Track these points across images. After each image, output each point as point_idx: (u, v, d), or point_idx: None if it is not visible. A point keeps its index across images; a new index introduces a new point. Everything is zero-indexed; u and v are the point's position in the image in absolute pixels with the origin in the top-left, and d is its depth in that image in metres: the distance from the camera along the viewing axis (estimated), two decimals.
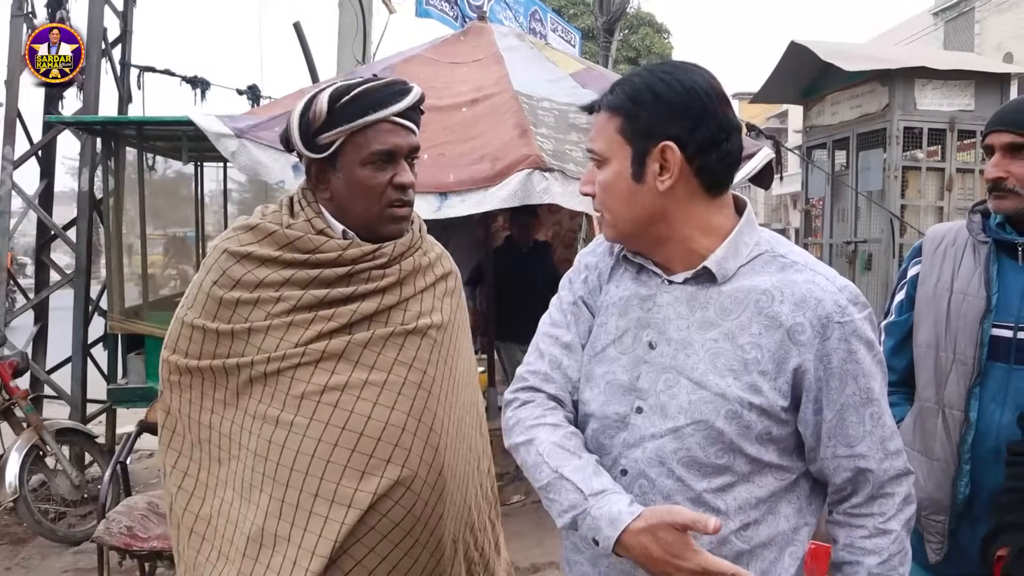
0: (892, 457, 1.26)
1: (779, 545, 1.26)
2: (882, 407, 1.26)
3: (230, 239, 1.62)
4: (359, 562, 1.52)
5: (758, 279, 1.25)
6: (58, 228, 5.46)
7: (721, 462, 1.22)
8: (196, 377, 1.62)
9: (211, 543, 1.59)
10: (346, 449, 1.50)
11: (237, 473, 1.57)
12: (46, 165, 5.56)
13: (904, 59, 6.46)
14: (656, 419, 1.25)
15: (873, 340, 1.26)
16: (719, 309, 1.25)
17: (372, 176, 1.53)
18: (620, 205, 1.27)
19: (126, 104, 5.64)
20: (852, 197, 6.71)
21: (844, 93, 6.83)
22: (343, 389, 1.52)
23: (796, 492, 1.29)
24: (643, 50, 23.90)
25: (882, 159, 6.31)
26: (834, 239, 7.08)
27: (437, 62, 4.52)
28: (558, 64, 4.70)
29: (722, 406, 1.21)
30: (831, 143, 7.14)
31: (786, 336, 1.21)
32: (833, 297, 1.22)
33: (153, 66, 5.79)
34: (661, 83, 1.24)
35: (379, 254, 1.57)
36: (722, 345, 1.23)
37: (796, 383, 1.23)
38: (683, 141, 1.23)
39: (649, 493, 1.25)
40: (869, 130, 6.49)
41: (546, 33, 10.78)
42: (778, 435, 1.24)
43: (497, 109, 3.97)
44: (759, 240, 1.29)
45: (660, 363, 1.27)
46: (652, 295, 1.31)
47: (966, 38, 19.47)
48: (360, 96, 1.51)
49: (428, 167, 3.78)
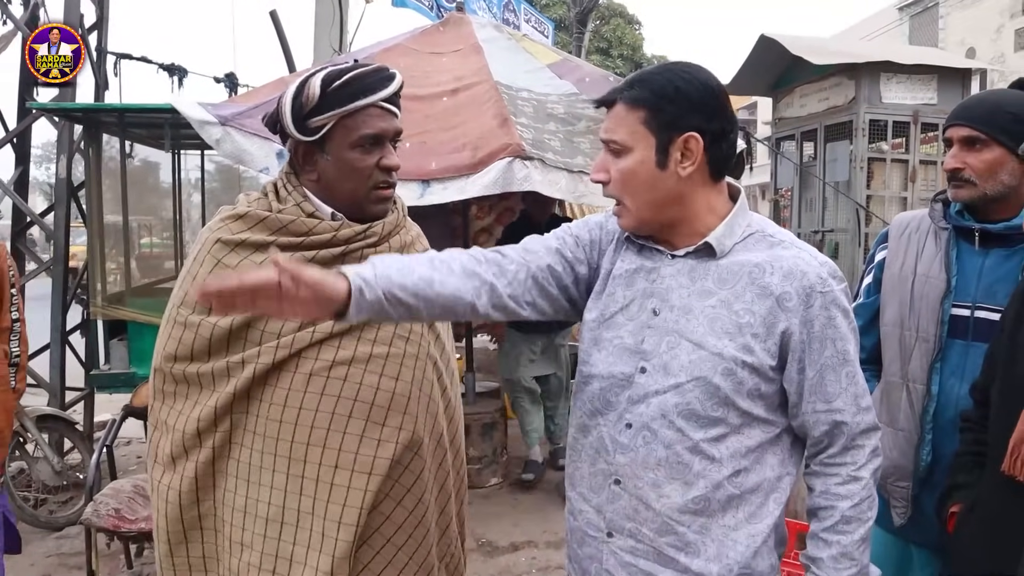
0: (864, 412, 1.41)
1: (764, 491, 1.41)
2: (856, 368, 1.41)
3: (220, 229, 1.63)
4: (377, 530, 1.58)
5: (751, 255, 1.40)
6: (35, 215, 5.44)
7: (716, 414, 1.37)
8: (194, 386, 1.61)
9: (222, 533, 1.62)
10: (360, 419, 1.57)
11: (241, 461, 1.59)
12: (20, 152, 5.52)
13: (870, 53, 6.63)
14: (659, 377, 1.39)
15: (848, 309, 1.41)
16: (717, 280, 1.40)
17: (361, 158, 1.59)
18: (642, 190, 1.40)
19: (103, 91, 5.61)
20: (820, 187, 6.87)
21: (812, 86, 6.99)
22: (350, 363, 1.58)
23: (780, 445, 1.43)
24: (614, 40, 24.03)
25: (849, 150, 6.48)
26: (802, 228, 7.24)
27: (417, 52, 4.58)
28: (535, 55, 4.79)
29: (719, 364, 1.36)
30: (799, 135, 7.29)
31: (775, 303, 1.36)
32: (816, 270, 1.37)
33: (130, 53, 5.77)
34: (682, 80, 1.38)
35: (370, 233, 1.63)
36: (719, 311, 1.38)
37: (783, 345, 1.38)
38: (703, 132, 1.37)
39: (652, 443, 1.39)
40: (836, 122, 6.65)
41: (519, 24, 10.82)
42: (766, 391, 1.39)
43: (477, 99, 4.04)
44: (751, 222, 1.45)
45: (663, 328, 1.41)
46: (656, 267, 1.45)
47: (930, 33, 19.86)
48: (351, 81, 1.56)
49: (411, 155, 3.84)
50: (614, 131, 1.40)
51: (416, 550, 1.63)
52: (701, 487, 1.37)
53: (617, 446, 1.43)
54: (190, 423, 1.59)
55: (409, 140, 3.93)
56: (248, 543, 1.57)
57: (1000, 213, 1.83)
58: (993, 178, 1.79)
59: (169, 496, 1.60)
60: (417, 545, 1.63)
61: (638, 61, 24.64)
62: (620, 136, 1.39)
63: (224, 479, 1.60)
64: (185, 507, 1.60)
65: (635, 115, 1.38)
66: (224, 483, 1.60)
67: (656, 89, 1.38)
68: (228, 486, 1.60)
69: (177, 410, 1.62)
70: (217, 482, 1.61)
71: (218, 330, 1.56)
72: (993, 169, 1.79)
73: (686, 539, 1.38)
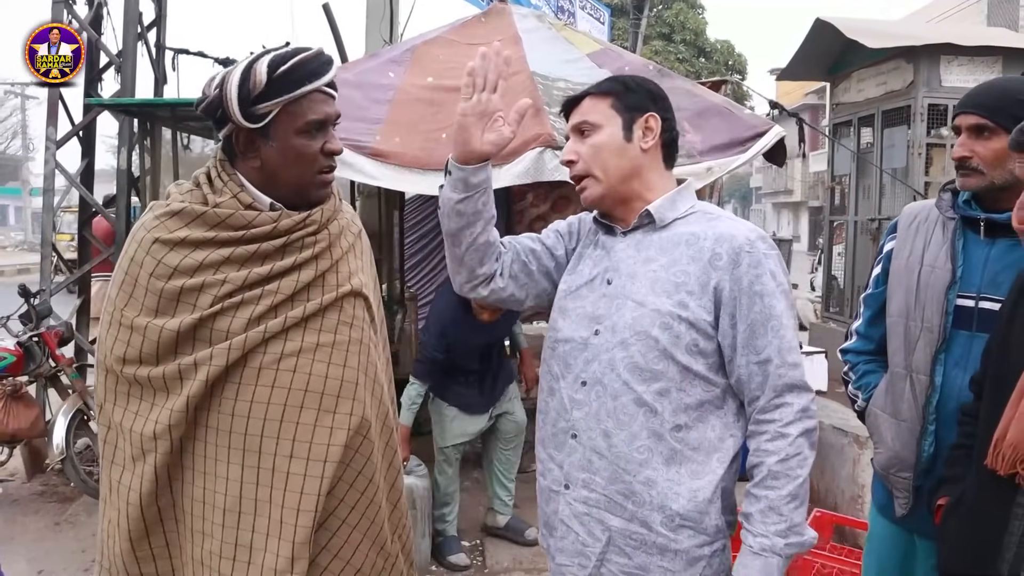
0: (789, 367, 1.51)
1: (706, 450, 1.53)
2: (783, 323, 1.51)
3: (157, 227, 1.58)
4: (332, 513, 1.63)
5: (690, 227, 1.60)
6: (99, 205, 5.70)
7: (658, 367, 1.52)
8: (147, 388, 1.59)
9: (183, 523, 1.63)
10: (312, 409, 1.59)
11: (197, 455, 1.60)
12: (86, 144, 5.79)
13: (929, 35, 6.41)
14: (609, 336, 1.58)
15: (776, 271, 1.55)
16: (658, 248, 1.60)
17: (306, 144, 1.57)
18: (611, 159, 1.62)
19: (161, 85, 5.84)
20: (876, 175, 6.71)
21: (870, 70, 6.81)
22: (298, 354, 1.59)
23: (724, 409, 1.57)
24: (677, 25, 23.63)
25: (906, 136, 6.30)
26: (859, 216, 7.09)
27: (457, 43, 4.62)
28: (576, 45, 4.79)
29: (657, 319, 1.53)
30: (856, 120, 7.12)
31: (707, 263, 1.54)
32: (745, 234, 1.56)
33: (187, 48, 5.98)
34: (640, 79, 1.70)
35: (309, 221, 1.62)
36: (659, 274, 1.57)
37: (717, 301, 1.54)
38: (660, 116, 1.64)
39: (603, 396, 1.57)
40: (894, 107, 6.48)
41: (575, 11, 10.78)
42: (704, 348, 1.54)
43: (513, 89, 4.06)
44: (696, 204, 1.66)
45: (613, 293, 1.61)
46: (613, 244, 1.67)
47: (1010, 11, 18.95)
48: (297, 67, 1.53)
49: (447, 145, 3.91)
50: (587, 114, 1.64)
51: (369, 527, 1.68)
52: (644, 437, 1.52)
53: (574, 403, 1.61)
54: (148, 425, 1.58)
55: (445, 131, 4.00)
56: (208, 532, 1.59)
57: (1008, 203, 1.78)
58: (1001, 167, 1.76)
59: (130, 497, 1.60)
60: (370, 523, 1.68)
61: (701, 46, 24.20)
62: (592, 117, 1.63)
63: (182, 472, 1.61)
64: (146, 506, 1.60)
65: (604, 101, 1.64)
66: (182, 476, 1.61)
67: (620, 81, 1.67)
68: (186, 479, 1.61)
69: (132, 411, 1.61)
70: (175, 475, 1.61)
71: (166, 333, 1.55)
72: (1000, 157, 1.75)
73: (632, 488, 1.53)
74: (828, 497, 4.16)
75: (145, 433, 1.57)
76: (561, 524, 1.62)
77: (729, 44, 24.84)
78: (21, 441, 4.67)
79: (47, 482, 4.88)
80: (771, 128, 4.17)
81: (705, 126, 4.17)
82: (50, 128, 5.40)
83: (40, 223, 5.75)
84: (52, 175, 5.48)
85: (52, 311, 5.03)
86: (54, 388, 4.91)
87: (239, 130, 1.57)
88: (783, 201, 38.07)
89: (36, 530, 4.29)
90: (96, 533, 1.73)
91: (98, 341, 1.67)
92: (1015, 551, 1.32)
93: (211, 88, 1.57)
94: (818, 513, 3.83)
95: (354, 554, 1.66)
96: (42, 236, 5.57)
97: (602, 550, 1.56)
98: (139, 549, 1.63)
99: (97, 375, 1.67)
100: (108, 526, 1.66)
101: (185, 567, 1.64)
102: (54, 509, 4.58)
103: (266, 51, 1.57)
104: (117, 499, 1.63)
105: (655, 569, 1.53)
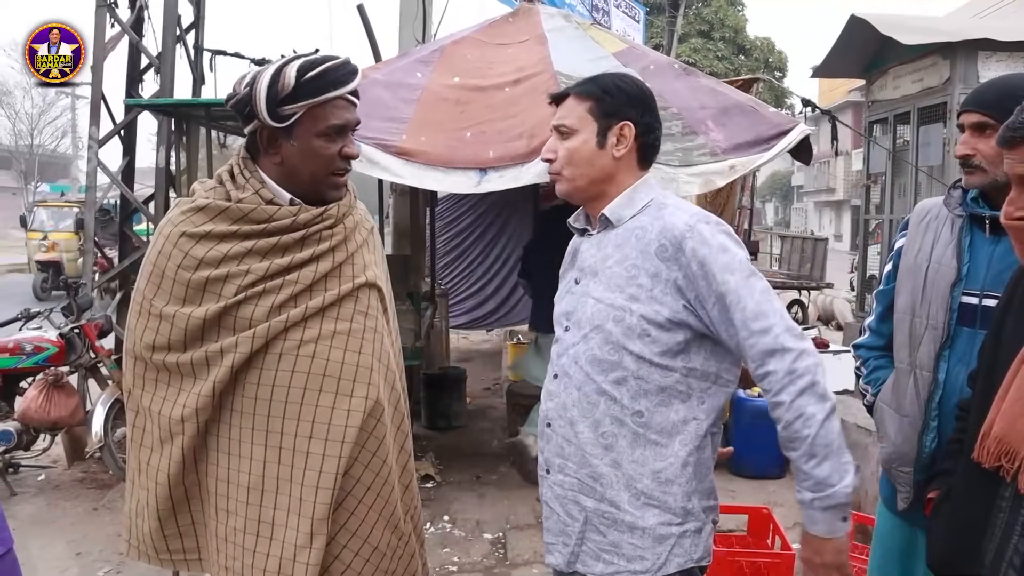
0: (758, 335, 1.52)
1: (669, 433, 1.61)
2: (740, 295, 1.53)
3: (183, 222, 1.67)
4: (349, 492, 1.72)
5: (640, 221, 1.66)
6: (138, 202, 5.88)
7: (613, 358, 1.60)
8: (174, 374, 1.69)
9: (207, 503, 1.73)
10: (330, 392, 1.68)
11: (222, 437, 1.69)
12: (127, 143, 5.97)
13: (966, 31, 6.30)
14: (575, 332, 1.67)
15: (725, 244, 1.57)
16: (614, 246, 1.66)
17: (325, 146, 1.67)
18: (582, 164, 1.67)
19: (199, 86, 5.99)
20: (912, 173, 6.62)
21: (906, 67, 6.72)
22: (317, 341, 1.68)
23: (686, 392, 1.61)
24: (716, 23, 23.44)
25: (942, 134, 6.21)
26: (894, 215, 7.00)
27: (485, 43, 4.70)
28: (602, 44, 4.82)
29: (611, 312, 1.61)
30: (892, 117, 7.03)
31: (655, 256, 1.60)
32: (684, 221, 1.60)
33: (224, 50, 6.12)
34: (622, 81, 1.70)
35: (327, 215, 1.71)
36: (614, 270, 1.64)
37: (680, 291, 1.57)
38: (636, 123, 1.67)
39: (569, 387, 1.66)
40: (930, 104, 6.39)
41: (609, 9, 10.77)
42: (656, 336, 1.58)
43: (537, 88, 4.12)
44: (654, 197, 1.69)
45: (580, 291, 1.70)
46: (580, 246, 1.77)
47: None
48: (324, 73, 1.62)
49: (471, 144, 3.98)
50: (565, 117, 1.69)
51: (384, 507, 1.76)
52: (607, 424, 1.61)
53: (548, 395, 1.72)
54: (176, 409, 1.67)
55: (470, 129, 4.07)
56: (232, 510, 1.68)
57: None
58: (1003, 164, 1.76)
59: (159, 478, 1.70)
60: (384, 503, 1.75)
61: (740, 43, 23.95)
62: (570, 121, 1.68)
63: (206, 453, 1.71)
64: (174, 485, 1.70)
65: (583, 105, 1.67)
66: (207, 457, 1.71)
67: (601, 85, 1.69)
68: (211, 459, 1.71)
69: (160, 397, 1.70)
70: (200, 456, 1.71)
71: (193, 321, 1.64)
72: (1002, 155, 1.75)
73: (599, 471, 1.62)
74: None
75: (173, 416, 1.67)
76: (546, 506, 1.73)
77: (770, 41, 24.56)
78: (62, 429, 4.84)
79: (87, 469, 5.05)
80: (796, 126, 4.16)
81: (729, 124, 4.18)
82: (92, 128, 5.58)
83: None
84: (94, 173, 5.66)
85: (93, 303, 5.20)
86: (94, 378, 5.08)
87: (264, 127, 1.66)
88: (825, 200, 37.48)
89: (75, 515, 4.44)
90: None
91: (127, 330, 1.77)
92: (997, 544, 1.33)
93: (241, 85, 1.66)
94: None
95: (371, 532, 1.75)
96: (84, 232, 5.76)
97: (580, 529, 1.65)
98: (167, 527, 1.74)
99: (126, 363, 1.77)
100: (136, 506, 1.76)
101: (209, 543, 1.74)
102: (93, 495, 4.74)
103: (296, 56, 1.67)
104: (146, 480, 1.73)
105: (626, 546, 1.61)
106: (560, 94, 1.74)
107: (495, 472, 5.08)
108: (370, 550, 1.75)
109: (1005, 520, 1.33)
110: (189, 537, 1.76)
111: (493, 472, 5.08)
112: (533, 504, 4.48)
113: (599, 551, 1.64)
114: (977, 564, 1.36)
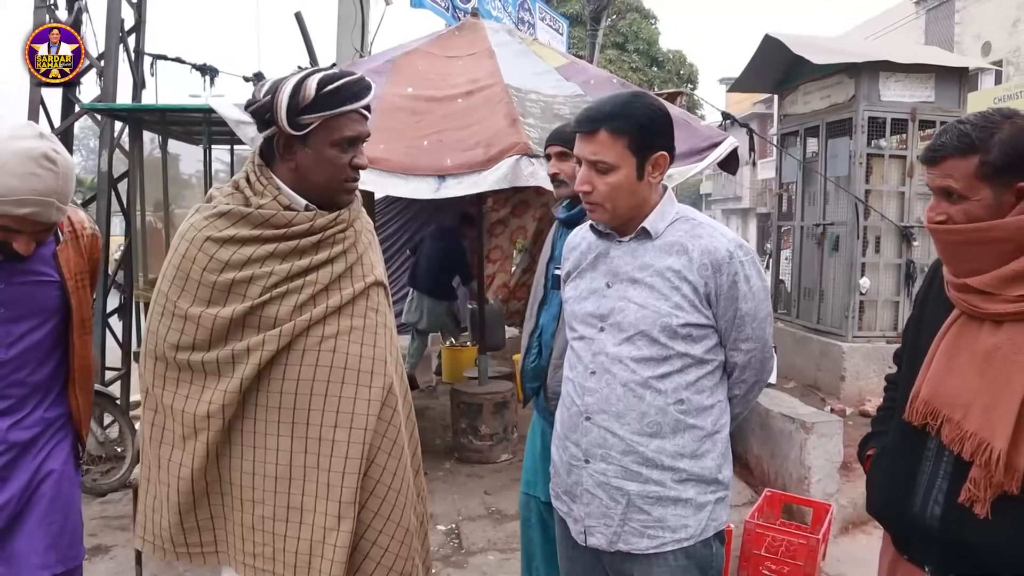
0: (742, 353, 1.88)
1: (703, 415, 1.85)
2: (744, 322, 1.84)
3: (206, 227, 1.74)
4: (370, 477, 1.82)
5: (677, 235, 1.85)
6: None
7: (660, 357, 1.80)
8: (198, 372, 1.75)
9: (229, 495, 1.79)
10: (351, 384, 1.78)
11: (246, 431, 1.76)
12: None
13: (869, 52, 6.84)
14: (614, 333, 1.84)
15: (751, 275, 1.83)
16: (653, 256, 1.84)
17: (338, 156, 1.76)
18: (625, 197, 1.83)
19: (140, 90, 5.93)
20: (821, 183, 7.13)
21: (815, 84, 7.22)
22: (336, 336, 1.79)
23: (715, 378, 1.88)
24: (630, 35, 24.14)
25: (848, 147, 6.73)
26: (805, 221, 7.49)
27: (435, 56, 4.89)
28: (544, 59, 5.09)
29: (658, 319, 1.80)
30: (803, 131, 7.52)
31: (697, 272, 1.80)
32: (726, 247, 1.82)
33: (165, 54, 6.09)
34: (652, 111, 1.82)
35: (340, 220, 1.82)
36: (655, 280, 1.82)
37: (709, 302, 1.82)
38: (668, 150, 1.85)
39: (612, 384, 1.83)
40: (837, 119, 6.88)
41: (535, 22, 11.08)
42: (697, 336, 1.82)
43: (490, 100, 4.36)
44: (678, 210, 1.90)
45: (615, 295, 1.86)
46: (609, 251, 1.91)
47: (947, 27, 19.86)
48: (342, 87, 1.72)
49: (429, 152, 4.17)
50: (602, 154, 1.81)
51: (401, 489, 1.86)
52: (653, 414, 1.80)
53: (585, 391, 1.87)
54: (201, 406, 1.74)
55: (427, 138, 4.26)
56: (260, 499, 1.75)
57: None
58: None
59: (181, 472, 1.76)
60: (408, 486, 1.88)
61: (654, 56, 24.77)
62: (609, 158, 1.80)
63: (229, 448, 1.77)
64: (196, 480, 1.76)
65: (621, 142, 1.80)
66: (229, 452, 1.77)
67: (636, 121, 1.80)
68: (234, 453, 1.77)
69: (183, 394, 1.76)
70: (222, 452, 1.77)
71: (220, 320, 1.72)
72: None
73: (646, 456, 1.81)
74: (778, 479, 4.52)
75: (198, 413, 1.74)
76: (586, 493, 1.88)
77: (681, 54, 25.44)
78: None
79: None
80: (726, 139, 4.52)
81: None
82: None
83: None
84: None
85: None
86: None
87: (282, 134, 1.75)
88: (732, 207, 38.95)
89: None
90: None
91: (147, 331, 1.82)
92: (924, 488, 1.64)
93: (261, 92, 1.76)
94: (768, 493, 4.19)
95: (402, 515, 1.86)
96: None
97: (623, 511, 1.83)
98: (187, 521, 1.80)
99: (145, 363, 1.82)
100: (153, 502, 1.83)
101: (232, 535, 1.80)
102: None
103: (317, 69, 1.78)
104: (167, 476, 1.79)
105: (671, 518, 1.81)
106: (589, 127, 1.81)
107: (440, 468, 5.24)
108: (403, 532, 1.86)
109: (931, 468, 1.65)
110: (207, 531, 1.82)
111: (439, 468, 5.24)
112: (482, 497, 4.70)
113: (643, 528, 1.82)
114: (910, 505, 1.67)
